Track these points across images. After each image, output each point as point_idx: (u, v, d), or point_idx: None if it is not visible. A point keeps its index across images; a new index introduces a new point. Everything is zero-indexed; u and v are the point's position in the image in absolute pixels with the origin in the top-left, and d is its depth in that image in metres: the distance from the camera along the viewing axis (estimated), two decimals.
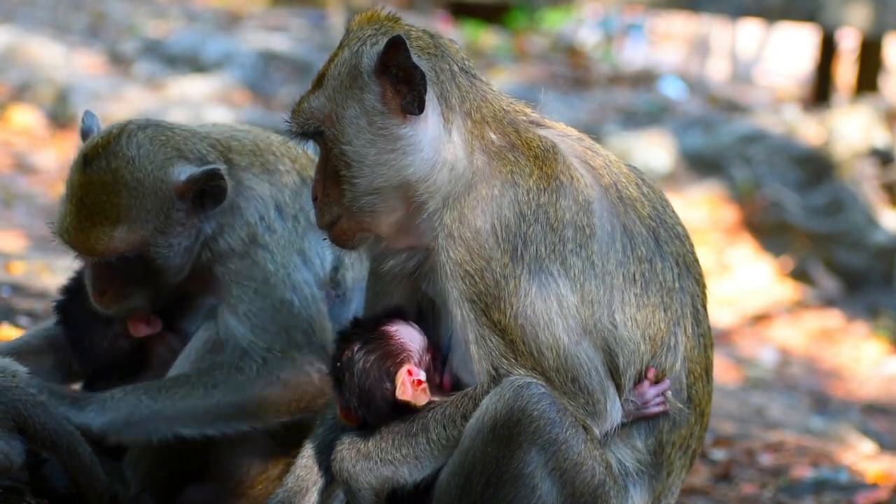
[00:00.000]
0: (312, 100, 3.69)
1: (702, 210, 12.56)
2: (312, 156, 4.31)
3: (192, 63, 14.54)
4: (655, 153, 13.09)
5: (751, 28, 25.07)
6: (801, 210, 12.47)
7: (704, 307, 3.84)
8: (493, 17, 18.11)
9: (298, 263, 4.22)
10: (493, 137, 3.67)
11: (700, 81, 18.03)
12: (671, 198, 3.99)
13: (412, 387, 3.65)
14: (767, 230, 12.42)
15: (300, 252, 4.23)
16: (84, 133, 4.25)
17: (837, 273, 12.21)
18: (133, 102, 12.80)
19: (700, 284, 3.84)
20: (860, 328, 11.60)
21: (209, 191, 4.14)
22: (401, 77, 3.58)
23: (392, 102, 3.61)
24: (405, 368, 3.66)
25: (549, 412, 3.50)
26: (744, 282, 12.09)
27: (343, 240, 3.73)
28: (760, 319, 11.73)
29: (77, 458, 3.89)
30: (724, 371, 10.05)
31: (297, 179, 4.31)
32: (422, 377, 3.66)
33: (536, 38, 18.55)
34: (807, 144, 13.08)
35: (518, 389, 3.50)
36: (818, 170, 12.81)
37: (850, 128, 13.00)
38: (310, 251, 4.25)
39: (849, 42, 17.04)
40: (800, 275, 12.18)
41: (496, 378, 3.56)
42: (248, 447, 4.27)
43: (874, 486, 6.39)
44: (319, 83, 3.70)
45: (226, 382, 4.15)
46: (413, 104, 3.59)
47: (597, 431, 3.60)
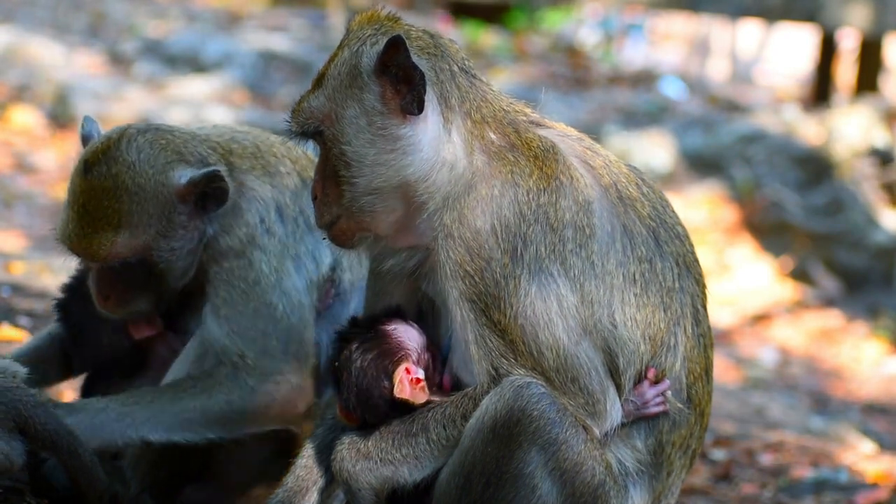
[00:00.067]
0: (312, 99, 3.69)
1: (702, 210, 12.55)
2: (313, 157, 4.30)
3: (192, 63, 14.53)
4: (655, 153, 13.08)
5: (751, 28, 25.06)
6: (801, 210, 12.46)
7: (704, 307, 3.84)
8: (493, 17, 18.11)
9: (291, 270, 4.20)
10: (493, 137, 3.66)
11: (700, 81, 18.02)
12: (671, 198, 3.99)
13: (410, 385, 3.65)
14: (767, 230, 12.41)
15: (295, 258, 4.22)
16: (84, 138, 4.25)
17: (837, 273, 12.20)
18: (133, 102, 12.80)
19: (700, 284, 3.84)
20: (860, 328, 11.60)
21: (210, 193, 4.13)
22: (400, 77, 3.58)
23: (392, 102, 3.61)
24: (403, 366, 3.66)
25: (549, 412, 3.50)
26: (744, 282, 12.08)
27: (342, 240, 3.73)
28: (760, 319, 11.73)
29: (77, 459, 3.89)
30: (724, 371, 10.04)
31: (298, 181, 4.30)
32: (420, 375, 3.66)
33: (536, 38, 18.54)
34: (807, 144, 13.07)
35: (518, 389, 3.50)
36: (818, 170, 12.81)
37: (850, 128, 12.99)
38: (305, 256, 4.23)
39: (849, 42, 17.04)
40: (800, 275, 12.18)
41: (496, 378, 3.56)
42: (249, 447, 4.26)
43: (874, 486, 6.38)
44: (319, 83, 3.70)
45: (194, 387, 4.12)
46: (413, 104, 3.59)
47: (597, 431, 3.60)
